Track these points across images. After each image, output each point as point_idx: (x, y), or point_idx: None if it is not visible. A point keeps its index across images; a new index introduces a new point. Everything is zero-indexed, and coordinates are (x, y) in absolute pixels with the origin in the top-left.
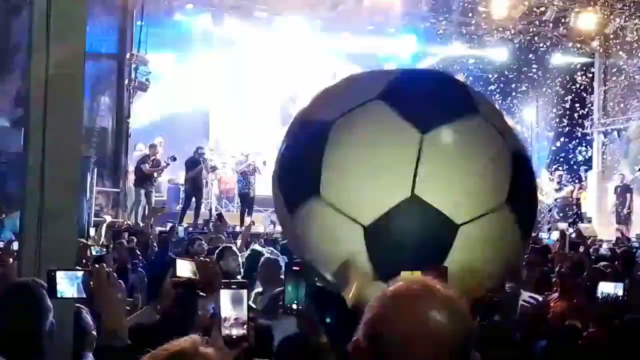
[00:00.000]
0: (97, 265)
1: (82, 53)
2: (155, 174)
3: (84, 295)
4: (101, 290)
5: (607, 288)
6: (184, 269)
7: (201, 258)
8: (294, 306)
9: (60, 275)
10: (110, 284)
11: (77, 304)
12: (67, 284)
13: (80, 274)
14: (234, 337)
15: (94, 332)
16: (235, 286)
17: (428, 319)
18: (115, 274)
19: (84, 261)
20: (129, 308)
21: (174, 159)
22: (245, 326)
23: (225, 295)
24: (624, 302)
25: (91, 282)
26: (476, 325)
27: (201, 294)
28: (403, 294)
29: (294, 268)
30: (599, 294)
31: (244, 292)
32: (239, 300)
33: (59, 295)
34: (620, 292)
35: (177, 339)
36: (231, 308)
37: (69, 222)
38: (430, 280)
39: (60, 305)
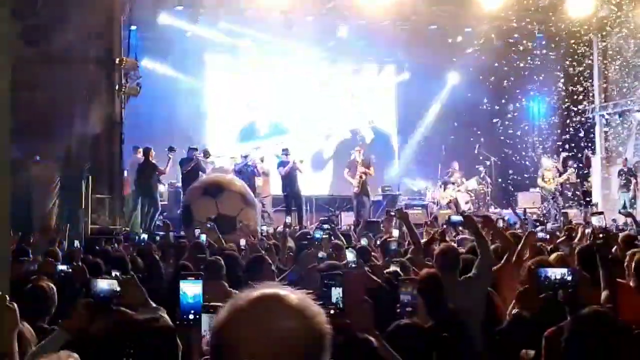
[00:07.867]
0: None
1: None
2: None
3: None
4: None
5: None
6: (102, 287)
7: (123, 277)
8: None
9: None
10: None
11: None
12: None
13: None
14: None
15: None
16: (212, 310)
17: (272, 324)
18: (7, 297)
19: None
20: None
21: (172, 150)
22: None
23: (206, 319)
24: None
25: None
26: (329, 332)
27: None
28: (250, 303)
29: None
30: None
31: None
32: None
33: None
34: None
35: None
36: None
37: None
38: (284, 289)
39: None
